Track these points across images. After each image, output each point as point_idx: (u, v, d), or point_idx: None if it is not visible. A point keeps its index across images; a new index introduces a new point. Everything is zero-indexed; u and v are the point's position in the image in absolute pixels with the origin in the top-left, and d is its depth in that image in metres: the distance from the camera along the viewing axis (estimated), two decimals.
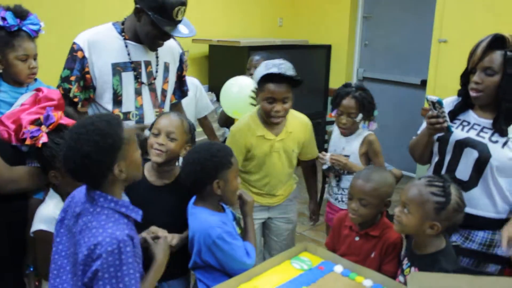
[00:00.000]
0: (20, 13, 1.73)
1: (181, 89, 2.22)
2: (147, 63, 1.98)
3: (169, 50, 2.09)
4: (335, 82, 5.38)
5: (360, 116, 2.24)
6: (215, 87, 4.26)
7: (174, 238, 1.63)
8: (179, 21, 1.87)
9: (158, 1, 1.78)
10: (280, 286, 1.55)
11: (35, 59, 1.80)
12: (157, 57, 2.02)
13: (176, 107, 2.25)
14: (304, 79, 2.03)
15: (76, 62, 1.90)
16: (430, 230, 1.52)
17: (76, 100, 1.94)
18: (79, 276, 1.28)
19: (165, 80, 2.06)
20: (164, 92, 2.06)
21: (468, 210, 1.62)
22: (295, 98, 2.07)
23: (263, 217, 2.30)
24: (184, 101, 2.61)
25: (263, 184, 2.22)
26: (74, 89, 1.91)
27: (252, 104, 2.76)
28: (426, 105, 1.82)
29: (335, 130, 2.43)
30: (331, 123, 4.18)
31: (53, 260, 1.38)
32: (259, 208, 2.20)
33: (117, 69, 1.91)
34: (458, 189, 1.56)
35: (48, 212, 1.56)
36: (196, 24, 1.91)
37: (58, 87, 1.92)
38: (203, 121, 3.13)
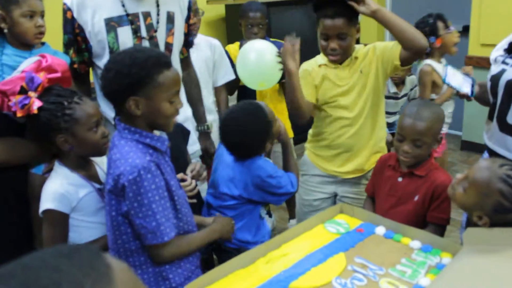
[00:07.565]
0: None
1: (187, 40, 1.97)
2: (146, 15, 1.74)
3: None
4: (365, 32, 5.04)
5: None
6: None
7: None
8: None
9: None
10: (313, 253, 1.36)
11: (42, 17, 1.66)
12: (157, 6, 1.76)
13: (184, 62, 2.01)
14: None
15: (68, 24, 1.71)
16: (477, 219, 1.33)
17: (75, 66, 1.76)
18: (112, 205, 1.32)
19: (169, 32, 1.80)
20: (168, 46, 1.81)
21: None
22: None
23: (330, 191, 2.00)
24: (197, 64, 2.32)
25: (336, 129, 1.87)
26: (71, 54, 1.74)
27: (282, 70, 2.49)
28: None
29: None
30: None
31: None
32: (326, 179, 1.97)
33: (111, 24, 1.69)
34: None
35: (55, 189, 1.39)
36: None
37: None
38: (219, 92, 2.69)
